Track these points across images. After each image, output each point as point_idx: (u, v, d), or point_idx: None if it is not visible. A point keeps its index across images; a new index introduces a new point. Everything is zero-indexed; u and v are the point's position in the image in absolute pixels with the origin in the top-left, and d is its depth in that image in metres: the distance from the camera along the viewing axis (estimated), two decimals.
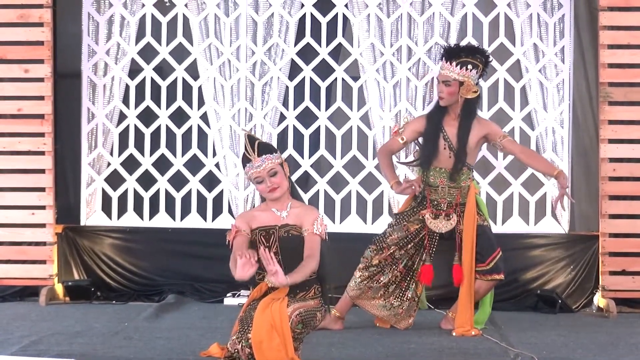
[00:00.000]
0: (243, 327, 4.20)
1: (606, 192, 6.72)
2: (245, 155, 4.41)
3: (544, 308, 6.70)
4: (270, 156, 4.39)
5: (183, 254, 7.17)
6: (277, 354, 4.12)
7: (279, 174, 4.38)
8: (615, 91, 6.75)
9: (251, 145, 4.40)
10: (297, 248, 4.32)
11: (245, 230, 4.35)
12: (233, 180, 7.26)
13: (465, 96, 5.74)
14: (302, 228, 4.34)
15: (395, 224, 5.87)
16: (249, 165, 4.39)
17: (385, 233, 5.86)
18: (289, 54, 7.25)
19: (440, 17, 7.17)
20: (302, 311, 4.26)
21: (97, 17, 7.26)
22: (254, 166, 4.37)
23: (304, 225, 4.34)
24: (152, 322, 6.03)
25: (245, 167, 4.42)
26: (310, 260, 4.27)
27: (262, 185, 4.37)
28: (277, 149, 4.48)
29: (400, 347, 5.29)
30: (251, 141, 4.42)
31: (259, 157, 4.36)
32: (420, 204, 5.87)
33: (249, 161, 4.39)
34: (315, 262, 4.29)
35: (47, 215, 6.95)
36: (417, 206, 5.87)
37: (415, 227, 5.84)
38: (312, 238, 4.32)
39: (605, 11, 6.74)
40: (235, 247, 4.30)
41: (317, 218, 4.36)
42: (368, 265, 5.82)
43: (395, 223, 5.88)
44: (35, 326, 5.83)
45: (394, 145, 5.89)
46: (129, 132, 7.28)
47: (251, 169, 4.38)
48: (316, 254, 4.30)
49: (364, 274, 5.81)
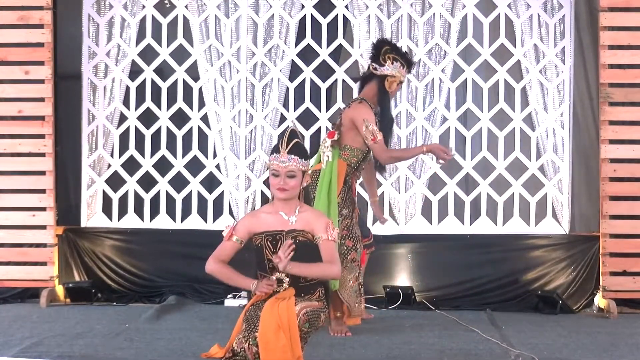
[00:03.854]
0: (249, 326, 4.19)
1: (607, 193, 6.72)
2: (277, 145, 4.36)
3: (545, 309, 6.69)
4: (297, 159, 4.32)
5: (184, 256, 7.17)
6: (284, 355, 4.11)
7: (296, 179, 4.33)
8: (615, 92, 6.75)
9: (288, 141, 4.34)
10: (304, 254, 4.28)
11: (240, 240, 4.35)
12: (233, 181, 7.26)
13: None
14: (310, 234, 4.31)
15: (347, 215, 5.76)
16: (274, 156, 4.34)
17: (352, 229, 5.75)
18: (289, 55, 7.25)
19: (441, 18, 7.18)
20: (309, 310, 4.24)
21: (97, 19, 7.27)
22: (278, 159, 4.32)
23: (316, 232, 4.30)
24: (153, 323, 6.03)
25: (272, 154, 4.37)
26: (332, 265, 4.26)
27: (276, 180, 4.33)
28: (308, 157, 4.42)
29: (400, 347, 5.29)
30: (290, 137, 4.36)
31: (288, 154, 4.32)
32: (349, 187, 5.82)
33: (277, 152, 4.34)
34: (338, 267, 4.28)
35: (48, 216, 6.95)
36: (347, 190, 5.80)
37: (354, 209, 5.86)
38: (327, 245, 4.28)
39: (606, 12, 6.74)
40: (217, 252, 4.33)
41: (327, 224, 4.32)
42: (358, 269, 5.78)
43: (347, 214, 5.76)
44: (36, 328, 5.83)
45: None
46: (129, 134, 7.29)
47: (275, 160, 4.32)
48: (337, 261, 4.29)
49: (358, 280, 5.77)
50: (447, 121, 7.20)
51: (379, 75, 5.84)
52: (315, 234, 4.30)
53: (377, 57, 5.85)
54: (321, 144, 5.84)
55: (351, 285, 5.70)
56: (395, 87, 5.87)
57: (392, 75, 5.82)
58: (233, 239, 4.34)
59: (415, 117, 7.19)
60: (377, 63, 5.84)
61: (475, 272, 7.03)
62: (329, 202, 5.66)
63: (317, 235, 4.29)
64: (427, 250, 7.12)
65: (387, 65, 5.81)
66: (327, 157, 5.72)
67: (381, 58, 5.82)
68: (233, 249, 4.35)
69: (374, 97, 5.84)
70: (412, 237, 7.12)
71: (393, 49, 5.89)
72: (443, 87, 7.21)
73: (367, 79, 5.93)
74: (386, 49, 5.85)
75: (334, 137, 5.78)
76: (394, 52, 5.86)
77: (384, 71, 5.82)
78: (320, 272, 4.27)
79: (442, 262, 7.08)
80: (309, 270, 4.24)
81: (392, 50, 5.87)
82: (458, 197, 7.15)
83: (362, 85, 5.98)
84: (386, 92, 5.84)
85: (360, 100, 5.82)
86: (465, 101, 7.19)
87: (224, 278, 4.36)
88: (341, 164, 5.76)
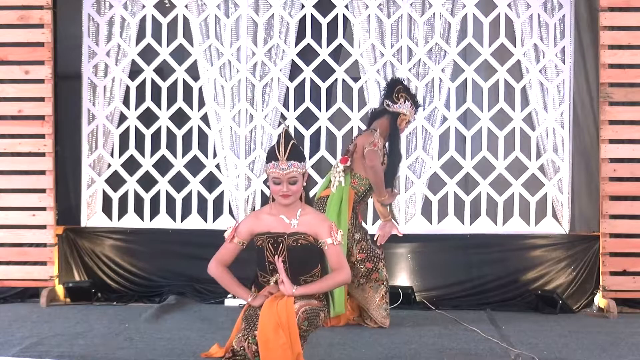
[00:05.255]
0: (249, 325, 4.19)
1: (607, 193, 6.72)
2: (274, 152, 4.31)
3: (545, 308, 6.69)
4: (297, 164, 4.29)
5: (184, 255, 7.17)
6: (283, 353, 4.11)
7: (298, 183, 4.31)
8: (615, 91, 6.75)
9: (285, 146, 4.31)
10: (306, 258, 4.29)
11: (241, 242, 4.35)
12: (233, 181, 7.26)
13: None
14: (312, 237, 4.30)
15: (361, 238, 5.96)
16: (273, 164, 4.29)
17: (369, 250, 5.94)
18: (289, 54, 7.25)
19: (441, 17, 7.18)
20: (308, 309, 4.24)
21: (97, 19, 7.27)
22: (278, 167, 4.28)
23: (319, 236, 4.29)
24: (153, 323, 6.03)
25: (269, 161, 4.32)
26: (340, 272, 4.27)
27: (278, 187, 4.30)
28: (305, 158, 4.39)
29: (401, 347, 5.29)
30: (286, 141, 4.32)
31: (288, 160, 4.29)
32: (357, 216, 6.00)
33: (275, 159, 4.30)
34: (346, 273, 4.28)
35: (48, 216, 6.96)
36: (355, 217, 5.97)
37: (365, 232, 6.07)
38: (333, 250, 4.28)
39: (606, 12, 6.74)
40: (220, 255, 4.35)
41: (331, 226, 4.30)
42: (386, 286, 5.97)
43: (361, 237, 5.96)
44: (36, 327, 5.83)
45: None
46: (129, 133, 7.29)
47: (275, 169, 4.28)
48: (345, 265, 4.29)
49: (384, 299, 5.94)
50: (447, 121, 7.20)
51: (391, 112, 6.03)
52: (319, 238, 4.29)
53: (391, 95, 6.07)
54: (332, 169, 5.98)
55: (378, 304, 5.91)
56: (404, 126, 6.09)
57: (404, 113, 6.03)
58: (235, 241, 4.34)
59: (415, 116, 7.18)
60: (390, 100, 6.05)
61: (475, 271, 7.03)
62: (339, 225, 5.73)
63: (322, 240, 4.28)
64: (427, 250, 7.13)
65: (399, 103, 6.03)
66: (339, 182, 5.88)
67: (394, 96, 6.05)
68: (235, 251, 4.35)
69: (384, 131, 6.02)
70: (412, 236, 7.11)
71: (405, 89, 6.12)
72: (443, 87, 7.21)
73: (379, 115, 6.10)
74: (399, 88, 6.08)
75: (346, 163, 5.94)
76: (405, 92, 6.09)
77: (397, 109, 6.04)
78: (327, 286, 4.29)
79: (442, 262, 7.08)
80: (317, 288, 4.26)
81: (404, 90, 6.10)
82: (458, 196, 7.15)
83: (372, 120, 6.15)
84: (397, 129, 6.04)
85: (372, 130, 6.01)
86: (465, 101, 7.20)
87: (223, 284, 4.39)
88: (350, 192, 5.92)
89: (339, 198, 5.83)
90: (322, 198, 5.90)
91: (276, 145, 4.33)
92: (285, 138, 4.33)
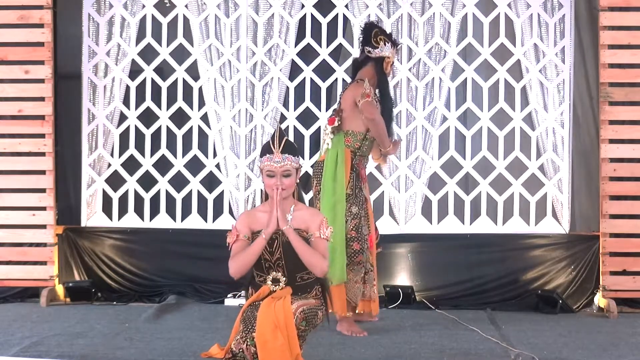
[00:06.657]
0: (247, 326, 4.19)
1: (607, 192, 6.72)
2: (269, 146, 4.37)
3: (545, 308, 6.69)
4: (291, 157, 4.35)
5: (184, 255, 7.17)
6: (282, 354, 4.11)
7: (292, 178, 4.35)
8: (615, 91, 6.75)
9: (279, 140, 4.37)
10: None
11: (246, 236, 4.35)
12: (233, 181, 7.26)
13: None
14: (307, 232, 4.32)
15: (357, 214, 5.71)
16: (268, 157, 4.35)
17: (360, 230, 5.72)
18: (289, 54, 7.25)
19: (441, 17, 7.18)
20: (305, 309, 4.25)
21: (97, 18, 7.27)
22: (273, 160, 4.34)
23: (310, 229, 4.33)
24: (153, 323, 6.03)
25: (263, 155, 4.38)
26: (321, 259, 4.27)
27: (272, 180, 4.34)
28: (298, 154, 4.45)
29: (400, 347, 5.29)
30: (280, 136, 4.39)
31: (282, 154, 4.34)
32: (357, 174, 5.80)
33: (270, 153, 4.36)
34: (324, 265, 4.28)
35: (48, 216, 6.95)
36: (356, 178, 5.77)
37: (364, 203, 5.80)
38: (319, 243, 4.31)
39: (606, 11, 6.74)
40: (234, 253, 4.31)
41: (322, 222, 4.34)
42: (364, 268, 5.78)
43: (357, 212, 5.71)
44: (36, 327, 5.83)
45: None
46: (129, 133, 7.29)
47: (269, 162, 4.34)
48: (326, 259, 4.31)
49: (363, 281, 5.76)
50: (447, 121, 7.20)
51: (374, 58, 5.85)
52: (309, 231, 4.32)
53: (369, 41, 5.86)
54: (322, 131, 5.80)
55: (357, 287, 5.74)
56: (389, 69, 5.89)
57: (388, 56, 5.85)
58: (241, 237, 4.34)
59: (415, 116, 7.19)
60: (370, 46, 5.85)
61: (475, 271, 7.03)
62: (335, 197, 5.63)
63: (311, 232, 4.31)
64: (427, 250, 7.12)
65: (380, 46, 5.84)
66: (327, 145, 5.70)
67: (373, 40, 5.84)
68: (245, 246, 4.33)
69: (372, 79, 5.82)
70: (412, 236, 7.12)
71: (382, 32, 5.93)
72: (443, 87, 7.21)
73: (362, 64, 5.92)
74: (376, 32, 5.89)
75: (334, 124, 5.76)
76: (383, 34, 5.91)
77: (379, 53, 5.84)
78: (310, 255, 4.26)
79: (442, 262, 7.08)
80: (302, 245, 4.25)
81: (382, 33, 5.91)
82: (458, 196, 7.15)
83: (356, 71, 5.97)
84: (384, 74, 5.84)
85: (358, 80, 5.81)
86: (465, 101, 7.20)
87: (247, 260, 4.28)
88: (346, 152, 5.74)
89: (333, 162, 5.66)
90: (318, 162, 5.76)
91: (270, 139, 4.40)
92: (279, 133, 4.39)
